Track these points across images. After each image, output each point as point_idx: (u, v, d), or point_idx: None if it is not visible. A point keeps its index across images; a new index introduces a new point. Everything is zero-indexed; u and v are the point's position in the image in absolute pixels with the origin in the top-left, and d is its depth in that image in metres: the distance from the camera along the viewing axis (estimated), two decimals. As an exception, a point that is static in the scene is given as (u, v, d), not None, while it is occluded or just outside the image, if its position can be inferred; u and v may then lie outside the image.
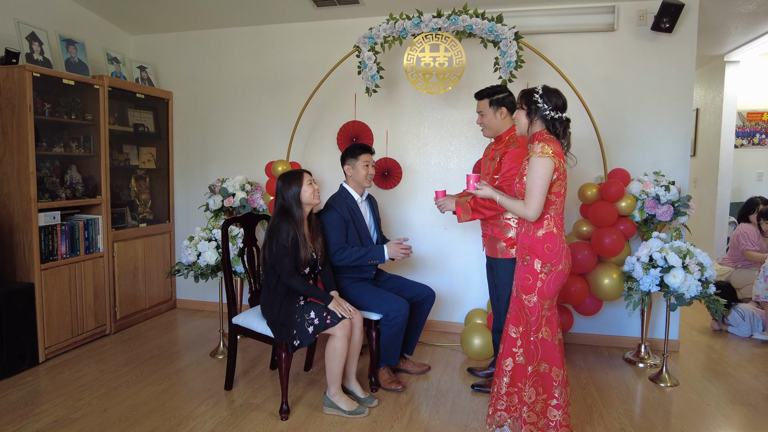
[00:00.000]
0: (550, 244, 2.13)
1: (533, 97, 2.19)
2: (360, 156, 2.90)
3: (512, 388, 2.22)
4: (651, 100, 3.44)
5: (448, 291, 3.82)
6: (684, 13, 3.26)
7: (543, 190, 2.08)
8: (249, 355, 3.36)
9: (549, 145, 2.09)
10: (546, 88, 2.20)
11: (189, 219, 4.31)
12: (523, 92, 2.26)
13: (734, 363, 3.31)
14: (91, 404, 2.65)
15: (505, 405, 2.23)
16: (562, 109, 2.19)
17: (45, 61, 3.29)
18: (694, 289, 2.72)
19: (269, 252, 2.51)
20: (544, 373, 2.15)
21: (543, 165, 2.06)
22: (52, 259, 3.24)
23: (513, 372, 2.22)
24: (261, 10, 3.85)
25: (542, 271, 2.13)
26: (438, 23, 3.12)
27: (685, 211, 3.13)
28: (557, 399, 2.13)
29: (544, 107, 2.16)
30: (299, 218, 2.55)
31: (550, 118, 2.16)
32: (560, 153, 2.12)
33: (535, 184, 2.08)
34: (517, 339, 2.20)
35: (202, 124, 4.28)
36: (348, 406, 2.54)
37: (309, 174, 2.64)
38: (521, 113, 2.24)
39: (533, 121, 2.21)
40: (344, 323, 2.50)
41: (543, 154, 2.06)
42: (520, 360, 2.20)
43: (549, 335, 2.15)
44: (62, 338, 3.32)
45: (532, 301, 2.14)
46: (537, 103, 2.17)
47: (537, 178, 2.07)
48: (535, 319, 2.14)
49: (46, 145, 3.26)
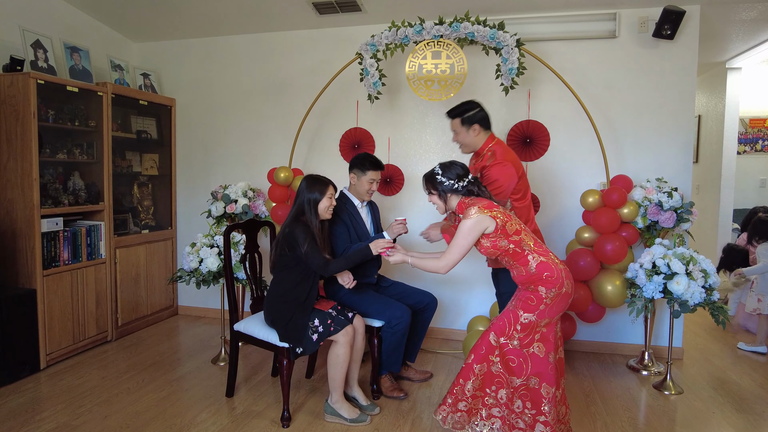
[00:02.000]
0: (548, 272, 2.12)
1: (436, 179, 2.29)
2: (368, 172, 2.88)
3: (479, 392, 2.18)
4: (653, 106, 3.44)
5: (451, 298, 3.81)
6: (685, 20, 3.27)
7: (463, 250, 2.16)
8: (250, 362, 3.35)
9: (474, 205, 2.16)
10: (442, 166, 2.31)
11: (191, 225, 4.32)
12: (425, 178, 2.36)
13: (739, 371, 3.29)
14: (92, 411, 2.64)
15: (468, 407, 2.18)
16: (465, 174, 2.29)
17: (49, 69, 3.31)
18: (698, 296, 2.70)
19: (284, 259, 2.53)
20: (533, 389, 2.12)
21: (470, 228, 2.13)
22: (54, 265, 3.24)
23: (484, 378, 2.18)
24: (263, 18, 3.87)
25: (548, 296, 2.12)
26: (440, 30, 3.14)
27: (688, 217, 3.12)
28: (545, 416, 2.09)
29: (450, 183, 2.26)
30: (314, 224, 2.55)
31: (461, 188, 2.26)
32: (489, 205, 2.18)
33: (456, 243, 2.16)
34: (495, 348, 2.17)
35: (205, 131, 4.30)
36: (350, 414, 2.52)
37: (334, 188, 2.64)
38: (434, 197, 2.34)
39: (448, 198, 2.30)
40: (347, 330, 2.50)
41: (476, 214, 2.12)
42: (494, 369, 2.16)
43: (541, 351, 2.13)
44: (64, 345, 3.31)
45: (529, 320, 2.12)
46: (442, 183, 2.27)
47: (461, 238, 2.15)
48: (526, 335, 2.12)
49: (49, 152, 3.28)
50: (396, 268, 3.84)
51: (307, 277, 2.56)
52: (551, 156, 3.55)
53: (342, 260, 2.55)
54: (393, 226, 2.81)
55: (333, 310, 2.57)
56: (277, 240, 2.57)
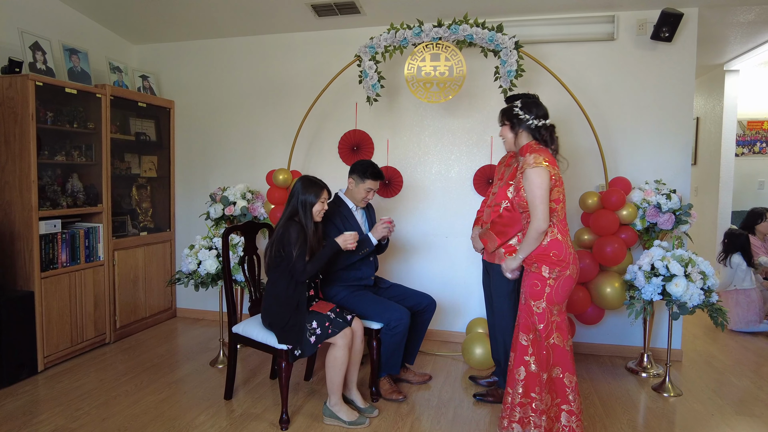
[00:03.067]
0: (557, 250, 2.13)
1: (514, 111, 2.25)
2: (367, 181, 2.87)
3: (525, 398, 2.19)
4: (651, 108, 3.45)
5: (450, 300, 3.80)
6: (683, 22, 3.28)
7: (544, 199, 2.10)
8: (249, 365, 3.34)
9: (540, 154, 2.12)
10: (525, 101, 2.26)
11: (190, 227, 4.31)
12: (503, 110, 2.32)
13: (738, 373, 3.29)
14: (89, 414, 2.63)
15: (519, 416, 2.19)
16: (544, 117, 2.24)
17: (48, 71, 3.31)
18: (697, 298, 2.70)
19: (278, 260, 2.52)
20: (556, 378, 2.15)
21: (539, 175, 2.08)
22: (52, 267, 3.23)
23: (526, 381, 2.18)
24: (263, 20, 3.87)
25: (550, 276, 2.13)
26: (438, 33, 3.14)
27: (687, 219, 3.12)
28: (571, 405, 2.12)
29: (527, 117, 2.22)
30: (308, 226, 2.55)
31: (534, 127, 2.21)
32: (552, 161, 2.15)
33: (535, 195, 2.10)
34: (528, 347, 2.18)
35: (204, 133, 4.30)
36: (348, 417, 2.52)
37: (328, 192, 2.64)
38: (505, 129, 2.30)
39: (519, 134, 2.26)
40: (345, 332, 2.49)
41: (537, 165, 2.09)
42: (533, 368, 2.17)
43: (560, 341, 2.15)
44: (62, 347, 3.30)
45: (541, 307, 2.13)
46: (519, 116, 2.23)
47: (536, 188, 2.09)
48: (544, 326, 2.13)
49: (48, 154, 3.27)
50: (392, 270, 3.84)
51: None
52: (550, 158, 3.55)
53: (314, 261, 2.54)
54: (377, 227, 2.81)
55: (332, 313, 2.56)
56: (272, 241, 2.56)
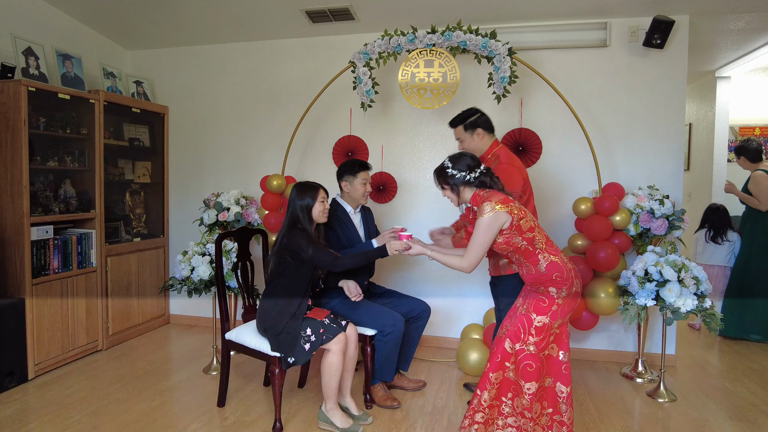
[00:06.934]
0: (558, 272, 2.11)
1: (447, 171, 2.25)
2: (359, 174, 2.89)
3: (495, 401, 2.17)
4: (644, 114, 3.47)
5: (444, 306, 3.79)
6: (675, 29, 3.31)
7: (483, 246, 2.11)
8: (242, 372, 3.32)
9: (491, 199, 2.13)
10: (451, 158, 2.27)
11: (184, 233, 4.29)
12: (436, 174, 2.32)
13: (732, 378, 3.29)
14: (80, 422, 2.60)
15: (485, 418, 2.17)
16: (477, 165, 2.25)
17: (41, 76, 3.30)
18: (690, 303, 2.71)
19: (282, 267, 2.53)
20: (548, 388, 2.13)
21: (488, 224, 2.08)
22: (44, 273, 3.20)
23: (500, 386, 2.16)
24: (257, 26, 3.88)
25: (559, 296, 2.11)
26: (432, 39, 3.15)
27: (680, 224, 3.14)
28: (562, 415, 2.10)
29: (462, 175, 2.22)
30: (310, 231, 2.54)
31: (473, 179, 2.22)
32: (506, 200, 2.14)
33: (476, 239, 2.11)
34: (512, 354, 2.16)
35: (198, 139, 4.29)
36: (342, 423, 2.50)
37: (325, 191, 2.63)
38: (446, 192, 2.31)
39: (461, 191, 2.26)
40: (339, 338, 2.48)
41: (492, 211, 2.08)
42: (510, 376, 2.15)
43: (555, 351, 2.14)
44: (53, 354, 3.27)
45: (543, 322, 2.11)
46: (454, 176, 2.23)
47: (480, 235, 2.10)
48: (541, 339, 2.11)
49: (40, 159, 3.25)
50: (386, 275, 3.83)
51: (302, 287, 2.55)
52: (543, 164, 3.57)
53: (356, 256, 2.54)
54: (393, 243, 2.51)
55: (327, 320, 2.55)
56: (275, 250, 2.55)
